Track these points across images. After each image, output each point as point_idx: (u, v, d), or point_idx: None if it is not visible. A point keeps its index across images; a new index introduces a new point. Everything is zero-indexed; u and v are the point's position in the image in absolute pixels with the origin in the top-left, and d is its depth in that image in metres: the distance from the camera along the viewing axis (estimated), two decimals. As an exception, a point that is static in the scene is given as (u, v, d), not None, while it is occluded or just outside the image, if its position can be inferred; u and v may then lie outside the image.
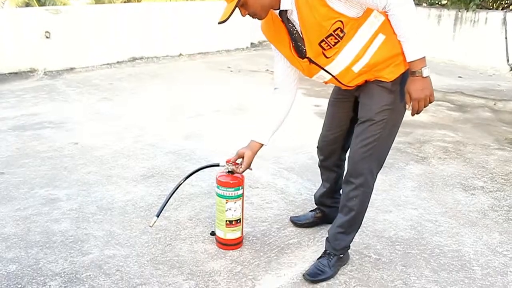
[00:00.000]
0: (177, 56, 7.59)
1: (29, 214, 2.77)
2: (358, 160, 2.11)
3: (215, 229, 2.47)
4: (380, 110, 2.02)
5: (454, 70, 7.14)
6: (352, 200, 2.16)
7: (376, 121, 2.04)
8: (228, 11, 1.87)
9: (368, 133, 2.06)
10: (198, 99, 5.25)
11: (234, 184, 2.32)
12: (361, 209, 2.20)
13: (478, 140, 4.13)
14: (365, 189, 2.15)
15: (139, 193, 3.04)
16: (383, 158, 2.17)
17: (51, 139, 3.94)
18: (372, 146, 2.07)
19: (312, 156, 3.53)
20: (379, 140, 2.06)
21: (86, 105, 4.94)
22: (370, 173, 2.13)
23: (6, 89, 5.50)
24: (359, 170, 2.12)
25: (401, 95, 2.01)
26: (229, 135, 4.13)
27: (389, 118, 2.04)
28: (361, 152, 2.09)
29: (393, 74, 1.98)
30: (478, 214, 2.88)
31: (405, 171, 3.45)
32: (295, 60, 2.05)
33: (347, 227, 2.23)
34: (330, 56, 1.94)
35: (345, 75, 2.01)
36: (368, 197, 2.20)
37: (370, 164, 2.11)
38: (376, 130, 2.05)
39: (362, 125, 2.08)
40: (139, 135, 4.07)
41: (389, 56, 1.94)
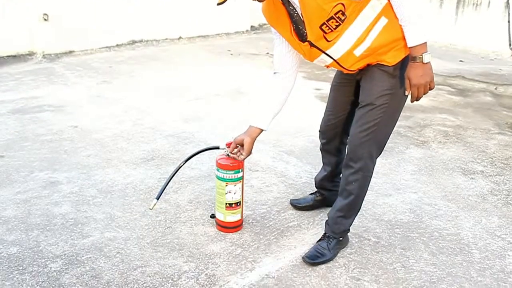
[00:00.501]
0: (177, 39, 7.53)
1: (29, 197, 2.77)
2: (358, 145, 2.10)
3: (215, 211, 2.48)
4: (381, 94, 2.01)
5: (455, 54, 7.10)
6: (352, 184, 2.16)
7: (376, 106, 2.02)
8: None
9: (368, 118, 2.05)
10: (198, 82, 5.22)
11: (234, 167, 2.32)
12: (361, 193, 2.21)
13: (479, 125, 4.12)
14: (364, 173, 2.15)
15: (139, 176, 3.05)
16: (383, 143, 2.16)
17: (51, 123, 3.93)
18: (372, 131, 2.06)
19: (313, 139, 3.52)
20: (379, 124, 2.05)
21: (85, 89, 4.92)
22: (370, 158, 2.13)
23: (4, 72, 5.47)
24: (358, 155, 2.11)
25: (402, 80, 1.99)
26: (229, 118, 4.12)
27: (390, 102, 2.03)
28: (361, 136, 2.08)
29: (395, 58, 1.96)
30: (478, 198, 2.89)
31: (405, 155, 3.45)
32: (296, 44, 2.02)
33: (347, 211, 2.23)
34: (331, 40, 1.91)
35: (347, 59, 1.98)
36: (368, 181, 2.20)
37: (369, 149, 2.10)
38: (377, 114, 2.03)
39: (363, 109, 2.07)
40: (138, 118, 4.06)
41: (392, 40, 1.91)
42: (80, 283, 2.07)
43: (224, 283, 2.08)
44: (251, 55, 6.64)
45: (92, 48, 6.68)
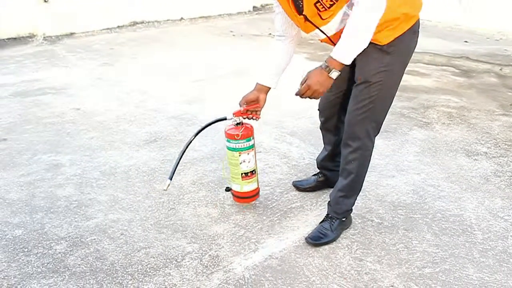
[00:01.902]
0: (178, 20, 7.46)
1: (33, 179, 2.78)
2: (355, 123, 2.10)
3: (231, 184, 2.46)
4: (376, 71, 2.00)
5: (460, 35, 7.01)
6: (351, 163, 2.17)
7: (372, 83, 2.02)
8: None
9: (364, 95, 2.05)
10: (200, 64, 5.19)
11: (244, 136, 2.30)
12: (361, 172, 2.21)
13: (483, 106, 4.09)
14: (363, 151, 2.15)
15: (142, 158, 3.05)
16: (381, 121, 2.15)
17: (53, 105, 3.92)
18: (368, 109, 2.06)
19: (315, 120, 3.50)
20: (375, 102, 2.05)
21: (87, 71, 4.89)
22: (367, 136, 2.13)
23: (5, 55, 5.44)
24: (356, 133, 2.12)
25: (398, 57, 2.00)
26: (231, 99, 4.09)
27: (385, 79, 2.02)
28: (357, 114, 2.08)
29: (387, 38, 1.95)
30: (481, 179, 2.88)
31: (408, 136, 3.44)
32: (292, 15, 2.01)
33: (348, 191, 2.24)
34: (325, 18, 1.91)
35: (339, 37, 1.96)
36: (367, 159, 2.21)
37: (366, 127, 2.10)
38: (372, 92, 2.03)
39: (358, 87, 2.07)
40: (141, 100, 4.05)
41: (384, 20, 1.89)
42: (84, 264, 2.09)
43: (227, 264, 2.10)
44: (253, 36, 6.58)
45: (93, 30, 6.63)
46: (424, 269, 2.09)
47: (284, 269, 2.08)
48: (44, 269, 2.05)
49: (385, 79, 2.02)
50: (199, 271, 2.05)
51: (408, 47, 2.04)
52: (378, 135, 2.37)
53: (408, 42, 2.02)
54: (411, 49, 2.07)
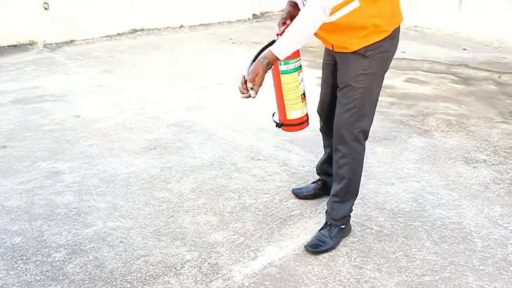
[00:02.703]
0: (178, 27, 7.48)
1: (32, 187, 2.78)
2: (342, 126, 2.16)
3: (288, 114, 2.24)
4: (356, 75, 2.06)
5: (459, 42, 7.04)
6: (342, 168, 2.20)
7: (353, 87, 2.08)
8: None
9: (347, 99, 2.11)
10: (200, 71, 5.20)
11: (298, 53, 2.17)
12: (353, 176, 2.23)
13: (482, 113, 4.10)
14: (354, 156, 2.19)
15: (141, 165, 3.05)
16: (367, 124, 2.19)
17: (53, 112, 3.92)
18: (354, 112, 2.11)
19: (314, 128, 3.49)
20: (359, 105, 2.10)
21: (87, 78, 4.90)
22: (356, 140, 2.16)
23: (5, 62, 5.45)
24: (344, 137, 2.16)
25: (377, 60, 2.05)
26: (231, 107, 4.11)
27: (366, 82, 2.08)
28: (343, 118, 2.14)
29: (357, 45, 2.01)
30: (480, 187, 2.88)
31: (407, 144, 3.44)
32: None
33: (343, 195, 2.25)
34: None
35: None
36: (359, 163, 2.23)
37: (353, 130, 2.14)
38: (355, 95, 2.09)
39: (342, 91, 2.14)
40: (141, 107, 4.06)
41: (355, 25, 1.96)
42: (84, 272, 2.08)
43: (227, 272, 2.09)
44: (253, 44, 6.59)
45: (93, 37, 6.65)
46: (424, 277, 2.09)
47: (283, 277, 2.07)
48: (43, 277, 2.05)
49: (366, 82, 2.08)
50: (198, 279, 2.05)
51: (387, 51, 2.08)
52: (377, 143, 2.39)
53: (387, 46, 2.06)
54: (391, 53, 2.12)
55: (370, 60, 2.04)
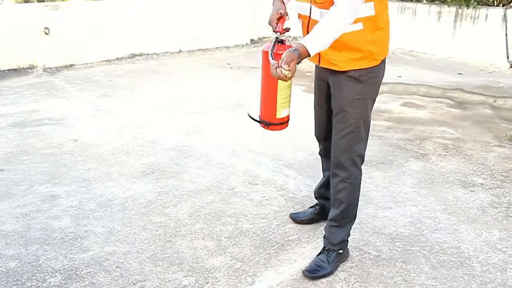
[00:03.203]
0: (177, 52, 7.57)
1: (28, 211, 2.77)
2: (339, 152, 2.17)
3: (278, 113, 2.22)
4: (351, 100, 2.09)
5: (454, 67, 7.13)
6: (340, 192, 2.21)
7: (348, 112, 2.10)
8: None
9: (343, 124, 2.13)
10: (198, 96, 5.24)
11: None
12: (351, 201, 2.24)
13: (478, 137, 4.13)
14: (351, 181, 2.20)
15: (139, 189, 3.04)
16: (363, 148, 2.21)
17: (51, 136, 3.93)
18: (351, 137, 2.13)
19: (312, 152, 3.53)
20: (356, 130, 2.13)
21: (85, 102, 4.93)
22: (353, 164, 2.18)
23: (5, 86, 5.48)
24: (341, 163, 2.17)
25: (370, 85, 2.09)
26: (229, 131, 4.13)
27: (361, 107, 2.11)
28: (341, 143, 2.16)
29: (346, 65, 2.05)
30: (478, 211, 2.88)
31: (404, 168, 3.45)
32: None
33: (340, 220, 2.25)
34: (318, 2, 2.00)
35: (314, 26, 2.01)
36: (357, 188, 2.24)
37: (351, 155, 2.16)
38: (350, 120, 2.11)
39: (337, 117, 2.16)
40: (139, 131, 4.07)
41: (352, 46, 2.00)
42: (79, 298, 2.06)
43: (224, 298, 2.07)
44: (251, 69, 6.67)
45: (92, 62, 6.71)
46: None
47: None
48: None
49: (361, 107, 2.11)
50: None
51: (378, 76, 2.14)
52: (375, 167, 2.39)
53: (378, 72, 2.12)
54: (381, 79, 2.18)
55: (363, 85, 2.08)
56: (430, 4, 8.24)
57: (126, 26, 7.02)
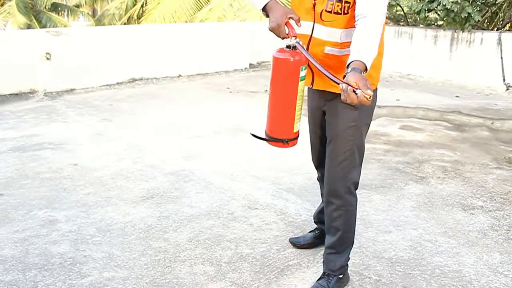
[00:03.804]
0: (176, 77, 7.65)
1: (27, 236, 2.76)
2: (333, 180, 2.14)
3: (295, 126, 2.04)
4: (345, 127, 2.07)
5: (451, 90, 7.20)
6: (336, 220, 2.19)
7: (343, 140, 2.08)
8: None
9: (338, 152, 2.11)
10: (198, 120, 5.27)
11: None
12: (348, 227, 2.22)
13: (477, 160, 4.14)
14: (347, 208, 2.18)
15: (138, 214, 3.04)
16: (358, 175, 2.19)
17: (51, 160, 3.94)
18: (345, 165, 2.11)
19: (311, 176, 3.53)
20: (350, 157, 2.10)
21: (85, 126, 4.96)
22: (349, 192, 2.16)
23: (6, 110, 5.52)
24: (337, 191, 2.15)
25: (365, 112, 2.08)
26: (228, 155, 4.14)
27: (356, 135, 2.09)
28: (335, 171, 2.13)
29: None
30: (478, 233, 2.88)
31: (404, 191, 3.45)
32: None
33: (338, 247, 2.24)
34: (324, 20, 1.96)
35: (317, 46, 2.01)
36: (353, 214, 2.22)
37: (346, 183, 2.14)
38: (345, 148, 2.09)
39: (331, 144, 2.13)
40: (138, 156, 4.08)
41: None
42: (77, 325, 2.03)
43: (224, 324, 2.05)
44: (250, 93, 6.73)
45: (92, 86, 6.78)
46: (425, 329, 2.05)
47: (281, 329, 2.03)
48: (36, 331, 2.00)
49: (356, 134, 2.09)
50: (195, 332, 2.00)
51: (374, 101, 2.12)
52: (374, 190, 2.39)
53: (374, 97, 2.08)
54: (375, 103, 2.16)
55: (359, 112, 2.05)
56: (426, 29, 8.37)
57: (126, 51, 7.12)
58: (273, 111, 2.04)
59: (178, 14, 11.85)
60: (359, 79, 1.60)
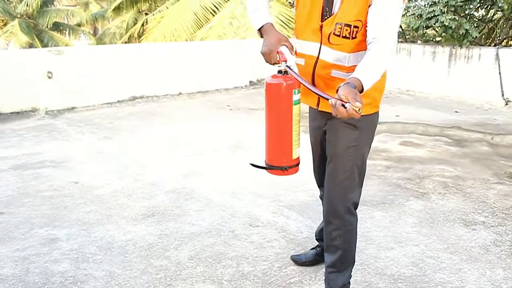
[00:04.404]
0: (177, 95, 7.69)
1: (28, 254, 2.75)
2: (333, 200, 2.13)
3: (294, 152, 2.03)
4: (346, 147, 2.06)
5: (450, 105, 7.23)
6: (336, 239, 2.17)
7: (343, 160, 2.07)
8: None
9: (337, 171, 2.10)
10: (198, 137, 5.29)
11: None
12: (348, 246, 2.20)
13: (477, 175, 4.14)
14: (347, 227, 2.16)
15: (139, 232, 3.03)
16: (358, 194, 2.18)
17: (52, 178, 3.95)
18: (345, 185, 2.09)
19: (313, 193, 3.53)
20: (350, 177, 2.09)
21: (86, 144, 4.97)
22: (349, 212, 2.15)
23: (7, 128, 5.55)
24: (336, 211, 2.14)
25: (367, 132, 2.08)
26: (229, 173, 4.14)
27: (356, 155, 2.08)
28: (335, 191, 2.12)
29: None
30: (481, 249, 2.86)
31: (405, 207, 3.45)
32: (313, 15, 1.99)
33: (339, 265, 2.22)
34: (332, 43, 1.95)
35: (324, 68, 2.01)
36: (353, 234, 2.21)
37: (346, 203, 2.13)
38: (345, 168, 2.08)
39: (331, 164, 2.12)
40: (139, 173, 4.09)
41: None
42: None
43: None
44: (250, 110, 6.76)
45: (93, 104, 6.82)
46: None
47: None
48: None
49: (356, 154, 2.08)
50: None
51: (375, 122, 2.14)
52: (375, 207, 2.39)
53: (374, 118, 2.12)
54: (377, 124, 2.16)
55: (360, 132, 2.05)
56: (424, 45, 8.45)
57: (127, 70, 7.18)
58: (270, 138, 2.04)
59: (178, 33, 11.96)
60: (348, 92, 1.58)
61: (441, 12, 7.71)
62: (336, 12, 1.92)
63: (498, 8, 8.35)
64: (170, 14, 12.91)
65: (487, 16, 8.91)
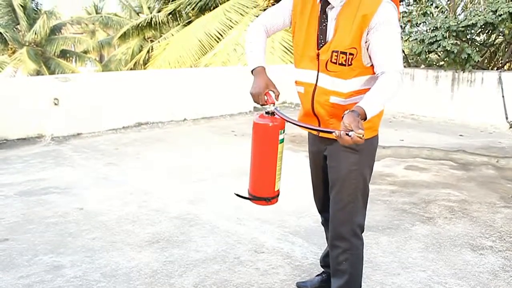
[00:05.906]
0: (182, 120, 7.75)
1: (32, 281, 2.73)
2: (338, 224, 2.13)
3: (276, 185, 2.14)
4: (348, 171, 2.08)
5: (454, 129, 7.23)
6: (342, 264, 2.16)
7: (346, 184, 2.09)
8: None
9: (342, 195, 2.11)
10: (203, 163, 5.30)
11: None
12: (355, 271, 2.19)
13: (483, 199, 4.11)
14: (353, 251, 2.16)
15: (144, 259, 3.01)
16: (363, 216, 2.18)
17: (56, 205, 3.95)
18: (350, 208, 2.10)
19: (317, 219, 3.50)
20: (354, 200, 2.10)
21: (91, 170, 4.99)
22: (355, 235, 2.14)
23: (13, 155, 5.58)
24: (342, 234, 2.13)
25: (367, 155, 2.10)
26: (234, 199, 4.12)
27: (358, 178, 2.09)
28: (340, 215, 2.12)
29: None
30: (489, 275, 2.82)
31: (411, 232, 3.42)
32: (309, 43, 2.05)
33: None
34: (329, 70, 1.99)
35: (322, 95, 2.04)
36: (359, 258, 2.20)
37: (352, 226, 2.13)
38: (349, 191, 2.09)
39: (335, 188, 2.13)
40: (144, 200, 4.08)
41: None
42: None
43: None
44: (254, 134, 6.77)
45: (99, 131, 6.87)
46: None
47: None
48: None
49: (358, 178, 2.09)
50: None
51: (375, 144, 2.16)
52: (381, 232, 2.37)
53: (374, 142, 2.15)
54: (377, 146, 2.19)
55: (360, 155, 2.07)
56: (427, 69, 8.52)
57: (132, 96, 7.26)
58: (255, 172, 2.17)
59: (183, 59, 12.13)
60: (351, 121, 1.68)
61: (443, 37, 7.80)
62: (330, 39, 1.98)
63: (499, 33, 8.44)
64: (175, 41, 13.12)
65: (488, 41, 8.99)
